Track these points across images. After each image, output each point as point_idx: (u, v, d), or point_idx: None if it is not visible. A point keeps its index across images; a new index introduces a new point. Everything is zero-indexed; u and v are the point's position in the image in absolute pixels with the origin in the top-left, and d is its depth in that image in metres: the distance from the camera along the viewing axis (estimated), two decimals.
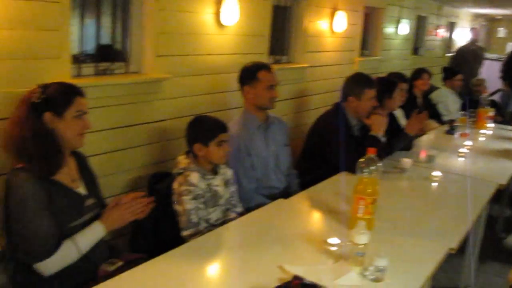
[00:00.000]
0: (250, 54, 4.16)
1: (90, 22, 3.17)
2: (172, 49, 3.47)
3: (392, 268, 2.04)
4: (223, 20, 3.82)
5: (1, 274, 2.52)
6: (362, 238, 2.07)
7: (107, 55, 3.25)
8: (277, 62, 4.83)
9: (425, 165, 3.72)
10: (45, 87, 2.20)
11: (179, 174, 2.72)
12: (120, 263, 2.31)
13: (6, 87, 2.51)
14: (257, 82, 3.23)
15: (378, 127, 3.56)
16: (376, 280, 2.01)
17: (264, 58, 4.35)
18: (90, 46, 3.18)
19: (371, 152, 2.47)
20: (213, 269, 2.22)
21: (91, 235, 2.22)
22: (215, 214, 2.76)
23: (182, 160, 2.76)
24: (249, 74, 3.28)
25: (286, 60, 5.08)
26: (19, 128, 2.14)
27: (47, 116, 2.17)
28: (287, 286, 1.73)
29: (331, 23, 5.50)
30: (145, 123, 3.34)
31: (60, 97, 2.19)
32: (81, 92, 2.26)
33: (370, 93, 3.64)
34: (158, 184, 2.92)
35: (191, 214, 2.63)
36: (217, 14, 3.78)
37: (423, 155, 3.85)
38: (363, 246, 2.07)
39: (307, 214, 2.85)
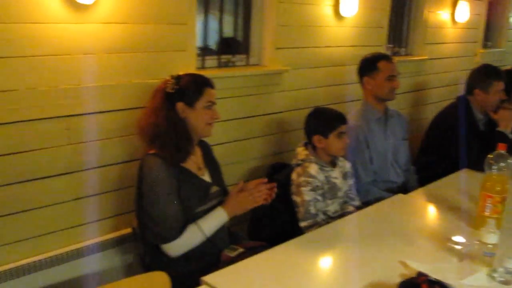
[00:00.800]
0: (368, 46, 4.09)
1: (213, 16, 3.28)
2: (291, 41, 3.50)
3: None
4: (342, 12, 3.79)
5: (130, 254, 2.71)
6: (491, 237, 1.97)
7: (229, 48, 3.34)
8: (395, 54, 4.71)
9: None
10: (178, 78, 2.32)
11: (298, 165, 2.74)
12: (241, 250, 2.37)
13: (138, 78, 2.67)
14: (377, 73, 3.17)
15: (506, 122, 3.37)
16: (506, 282, 1.90)
17: (382, 50, 4.25)
18: (213, 39, 3.29)
19: (502, 148, 2.34)
20: (332, 262, 2.22)
21: (214, 220, 2.31)
22: (333, 207, 2.75)
23: (301, 152, 2.77)
24: (369, 65, 3.22)
25: (405, 52, 4.94)
26: (153, 116, 2.27)
27: (180, 105, 2.28)
28: (413, 282, 1.68)
29: (452, 13, 5.26)
30: (264, 114, 3.40)
31: (192, 88, 2.30)
32: (211, 83, 2.35)
33: (498, 86, 3.45)
34: (277, 174, 2.96)
35: (309, 205, 2.64)
36: (336, 5, 3.75)
37: None
38: (492, 246, 1.98)
39: (427, 210, 2.76)
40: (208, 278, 1.89)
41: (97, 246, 2.63)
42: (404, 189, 3.19)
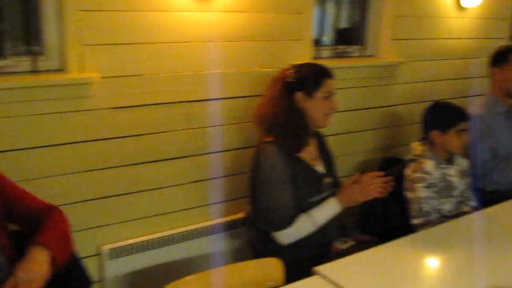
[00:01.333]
0: (490, 38, 3.86)
1: (330, 6, 3.25)
2: (409, 32, 3.38)
3: None
4: (463, 2, 3.61)
5: (239, 239, 2.77)
6: None
7: (344, 39, 3.30)
8: None
9: None
10: (298, 67, 2.32)
11: (413, 160, 2.65)
12: (351, 243, 2.35)
13: (254, 67, 2.71)
14: (507, 65, 3.02)
15: None
16: None
17: (504, 43, 4.00)
18: (328, 29, 3.26)
19: None
20: (446, 262, 2.12)
21: (326, 210, 2.29)
22: (447, 205, 2.63)
23: (417, 147, 2.68)
24: (500, 56, 3.08)
25: None
26: (272, 105, 2.29)
27: (299, 95, 2.28)
28: None
29: None
30: (378, 107, 3.33)
31: (312, 78, 2.29)
32: (330, 73, 2.33)
33: None
34: (389, 169, 2.89)
35: (423, 202, 2.55)
36: None
37: None
38: None
39: None
40: (321, 268, 1.88)
41: (208, 229, 2.71)
42: None
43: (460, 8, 3.64)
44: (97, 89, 2.29)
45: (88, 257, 2.40)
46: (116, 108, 2.37)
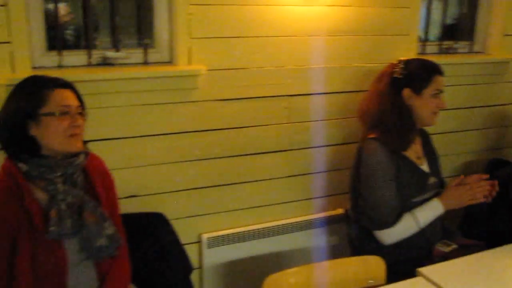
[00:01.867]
0: None
1: (437, 0, 3.13)
2: None
3: None
4: None
5: (336, 235, 2.75)
6: None
7: (451, 34, 3.17)
8: None
9: None
10: (407, 63, 2.25)
11: None
12: (454, 246, 2.26)
13: (358, 62, 2.68)
14: None
15: None
16: None
17: None
18: (435, 24, 3.15)
19: None
20: None
21: (429, 211, 2.22)
22: None
23: None
24: None
25: None
26: (378, 101, 2.25)
27: (406, 92, 2.22)
28: None
29: None
30: (486, 106, 3.17)
31: (421, 74, 2.22)
32: (441, 70, 2.25)
33: None
34: (496, 171, 2.75)
35: None
36: None
37: None
38: None
39: None
40: (424, 270, 1.83)
41: (305, 224, 2.71)
42: None
43: None
44: (203, 81, 2.36)
45: (189, 244, 2.48)
46: (220, 100, 2.42)
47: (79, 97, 1.74)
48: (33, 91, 1.65)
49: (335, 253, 2.76)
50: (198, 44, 2.32)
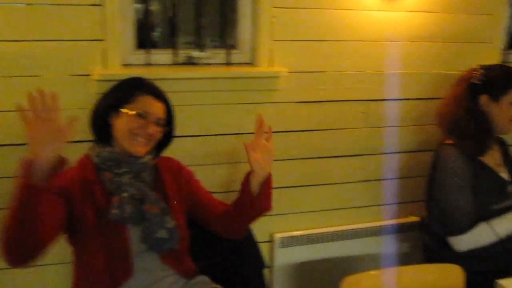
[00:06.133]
0: None
1: None
2: None
3: None
4: None
5: (410, 243, 2.71)
6: None
7: None
8: None
9: None
10: (487, 69, 2.22)
11: None
12: None
13: (437, 68, 2.65)
14: None
15: None
16: None
17: None
18: None
19: None
20: None
21: (509, 221, 2.16)
22: None
23: None
24: None
25: None
26: (454, 106, 2.23)
27: (484, 98, 2.19)
28: None
29: None
30: None
31: (500, 81, 2.19)
32: None
33: None
34: None
35: None
36: None
37: None
38: None
39: None
40: (504, 282, 1.79)
41: (378, 229, 2.69)
42: None
43: None
44: (284, 83, 2.40)
45: (262, 242, 2.51)
46: (300, 102, 2.46)
47: (169, 113, 1.86)
48: (128, 89, 1.81)
49: (406, 261, 2.70)
50: (279, 47, 2.37)
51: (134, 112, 1.75)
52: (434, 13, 2.57)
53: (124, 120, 1.76)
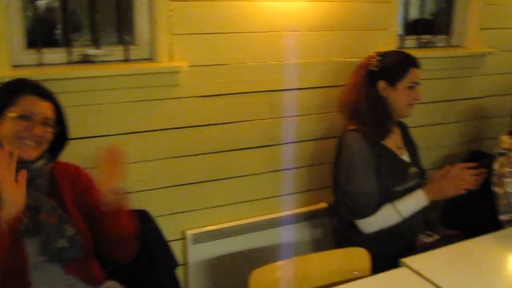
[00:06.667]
0: None
1: None
2: (498, 21, 3.24)
3: None
4: None
5: (319, 228, 2.77)
6: None
7: (429, 28, 3.21)
8: None
9: None
10: (383, 55, 2.28)
11: (501, 154, 2.55)
12: (436, 237, 2.29)
13: (338, 56, 2.70)
14: None
15: None
16: None
17: None
18: (413, 19, 3.19)
19: None
20: None
21: (413, 202, 2.25)
22: None
23: (506, 140, 2.57)
24: None
25: None
26: (354, 93, 2.28)
27: (381, 84, 2.25)
28: None
29: None
30: (464, 98, 3.22)
31: (396, 67, 2.25)
32: (417, 63, 2.28)
33: None
34: (475, 163, 2.79)
35: None
36: None
37: None
38: None
39: None
40: (408, 260, 1.85)
41: (289, 218, 2.72)
42: None
43: None
44: (185, 78, 2.36)
45: (174, 240, 2.47)
46: (202, 96, 2.42)
47: (58, 112, 1.77)
48: (10, 91, 1.72)
49: (320, 246, 2.79)
50: (179, 41, 2.32)
51: (15, 114, 1.66)
52: (332, 2, 2.62)
53: (9, 124, 1.66)
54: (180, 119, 2.40)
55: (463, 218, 2.67)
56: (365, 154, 2.21)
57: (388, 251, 2.19)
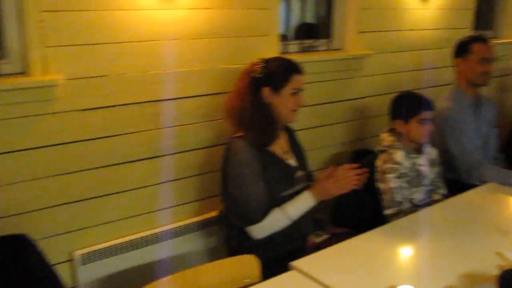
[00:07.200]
0: (453, 29, 3.93)
1: (295, 0, 3.25)
2: (374, 25, 3.41)
3: None
4: None
5: (214, 237, 2.75)
6: None
7: (310, 33, 3.30)
8: None
9: None
10: (267, 62, 2.29)
11: (383, 151, 2.67)
12: (326, 236, 2.35)
13: (222, 63, 2.70)
14: (469, 55, 3.05)
15: None
16: None
17: (467, 33, 4.07)
18: (295, 24, 3.26)
19: None
20: (420, 250, 2.14)
21: (300, 204, 2.28)
22: (418, 195, 2.66)
23: (386, 138, 2.70)
24: (462, 46, 3.12)
25: (492, 35, 4.71)
26: (239, 100, 2.27)
27: (265, 90, 2.26)
28: None
29: None
30: (347, 100, 3.35)
31: (279, 74, 2.27)
32: (300, 69, 2.32)
33: None
34: (360, 161, 2.90)
35: (395, 192, 2.57)
36: None
37: None
38: None
39: None
40: (297, 263, 1.88)
41: (180, 229, 2.68)
42: None
43: None
44: (62, 92, 2.24)
45: (60, 263, 2.35)
46: (83, 110, 2.32)
47: None
48: None
49: (215, 255, 2.77)
50: (54, 53, 2.20)
51: None
52: (213, 9, 2.61)
53: None
54: (61, 135, 2.28)
55: (351, 216, 2.76)
56: (252, 161, 2.21)
57: (281, 254, 2.21)
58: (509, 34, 4.68)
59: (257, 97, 2.26)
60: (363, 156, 2.95)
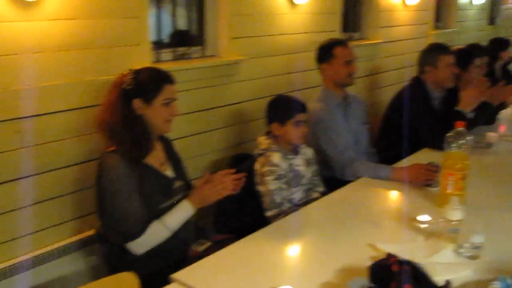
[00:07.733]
0: (322, 32, 4.09)
1: (166, 8, 3.22)
2: (246, 30, 3.47)
3: (488, 245, 1.95)
4: None
5: (95, 256, 2.65)
6: (456, 214, 2.00)
7: (184, 40, 3.29)
8: (349, 39, 4.73)
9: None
10: (136, 73, 2.23)
11: (260, 154, 2.72)
12: (208, 244, 2.35)
13: (91, 75, 2.60)
14: (334, 59, 3.17)
15: (467, 102, 3.39)
16: (472, 257, 1.93)
17: (337, 36, 4.27)
18: (167, 32, 3.23)
19: (460, 126, 2.38)
20: (300, 249, 2.21)
21: (179, 213, 2.25)
22: (298, 194, 2.74)
23: (263, 141, 2.75)
24: (325, 52, 3.22)
25: (359, 37, 4.98)
26: (110, 113, 2.20)
27: (136, 102, 2.21)
28: (383, 264, 1.68)
29: None
30: (223, 106, 3.37)
31: (150, 85, 2.22)
32: (171, 79, 2.28)
33: (445, 59, 3.51)
34: (239, 165, 2.93)
35: (274, 194, 2.62)
36: None
37: (503, 129, 3.67)
38: (456, 222, 2.00)
39: (391, 191, 2.77)
40: (178, 275, 1.85)
41: (59, 250, 2.55)
42: None
43: (293, 4, 3.81)
44: None
45: None
46: None
47: None
48: None
49: (97, 274, 2.65)
50: None
51: None
52: (77, 19, 2.50)
53: None
54: None
55: (234, 221, 2.78)
56: (126, 176, 2.15)
57: (162, 268, 2.16)
58: (374, 36, 4.97)
59: (128, 109, 2.20)
60: (242, 160, 2.98)
